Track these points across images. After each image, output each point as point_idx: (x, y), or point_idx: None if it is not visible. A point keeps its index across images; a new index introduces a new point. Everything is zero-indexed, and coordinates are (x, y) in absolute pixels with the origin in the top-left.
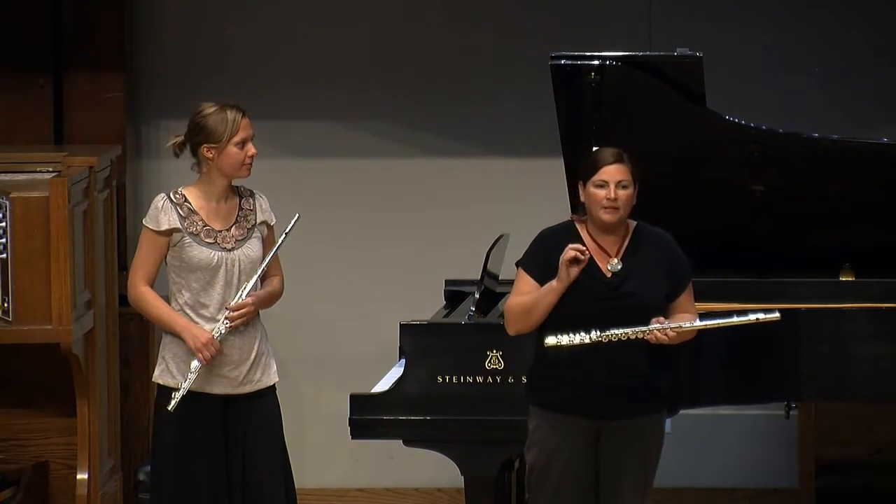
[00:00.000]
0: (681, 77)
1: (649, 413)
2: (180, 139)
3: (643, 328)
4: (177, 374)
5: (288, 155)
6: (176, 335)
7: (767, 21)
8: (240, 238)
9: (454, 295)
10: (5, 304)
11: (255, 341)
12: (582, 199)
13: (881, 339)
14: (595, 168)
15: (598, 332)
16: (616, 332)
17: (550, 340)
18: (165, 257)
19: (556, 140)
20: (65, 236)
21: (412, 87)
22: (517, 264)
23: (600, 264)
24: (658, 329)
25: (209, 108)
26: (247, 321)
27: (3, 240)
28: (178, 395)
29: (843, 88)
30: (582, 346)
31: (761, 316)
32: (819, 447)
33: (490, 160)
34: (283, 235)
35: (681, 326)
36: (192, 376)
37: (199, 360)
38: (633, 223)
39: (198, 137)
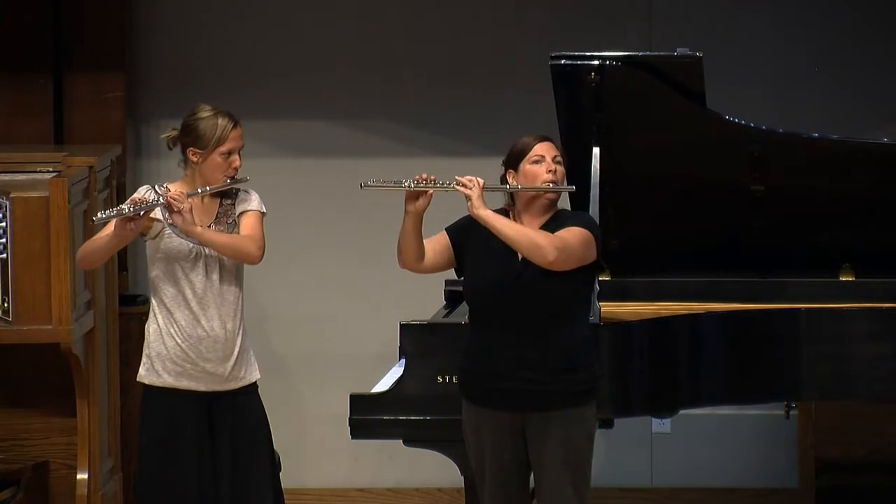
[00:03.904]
0: (681, 77)
1: (568, 406)
2: (175, 134)
3: (451, 182)
4: (162, 373)
5: (286, 154)
6: (121, 233)
7: (768, 21)
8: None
9: (454, 295)
10: (5, 304)
11: (238, 338)
12: (514, 183)
13: (881, 339)
14: (526, 149)
15: (413, 183)
16: (430, 185)
17: (365, 183)
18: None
19: (555, 140)
20: (65, 236)
21: (412, 86)
22: None
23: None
24: (459, 178)
25: (204, 112)
26: (176, 207)
27: (3, 240)
28: (113, 210)
29: (843, 88)
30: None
31: (557, 187)
32: (819, 447)
33: (490, 160)
34: (228, 180)
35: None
36: (124, 208)
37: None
38: (556, 209)
39: (186, 139)
